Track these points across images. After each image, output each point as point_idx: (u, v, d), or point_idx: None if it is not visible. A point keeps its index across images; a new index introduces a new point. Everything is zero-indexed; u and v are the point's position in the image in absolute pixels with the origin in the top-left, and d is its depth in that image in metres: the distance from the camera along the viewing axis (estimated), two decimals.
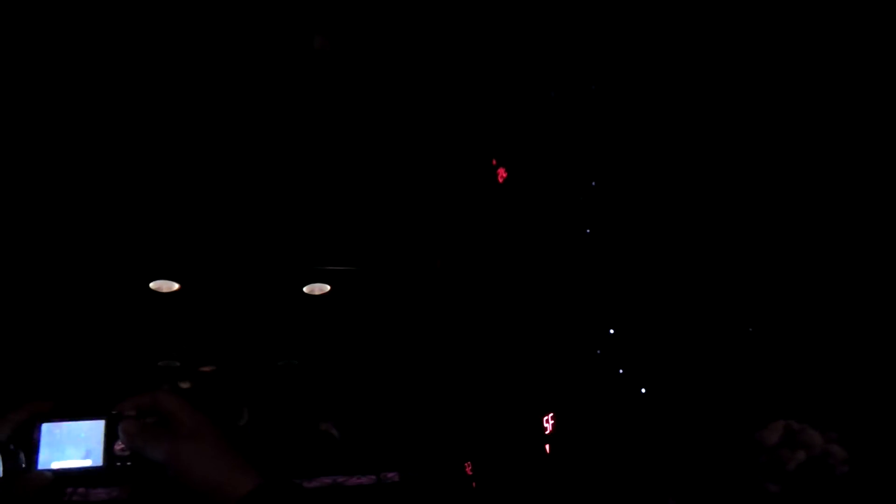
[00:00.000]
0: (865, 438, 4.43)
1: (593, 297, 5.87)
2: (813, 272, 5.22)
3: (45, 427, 0.96)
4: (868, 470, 4.24)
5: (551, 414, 6.05)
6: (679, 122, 5.98)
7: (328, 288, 6.60)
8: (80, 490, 5.87)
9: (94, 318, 6.38)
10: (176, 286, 6.47)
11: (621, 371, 5.71)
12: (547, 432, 6.08)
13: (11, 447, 0.92)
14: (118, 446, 0.97)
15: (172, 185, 6.33)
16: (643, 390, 5.69)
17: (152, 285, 6.45)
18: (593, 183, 6.02)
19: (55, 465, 0.96)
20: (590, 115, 6.20)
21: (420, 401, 6.71)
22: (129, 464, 0.96)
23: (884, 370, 4.68)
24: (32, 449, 0.95)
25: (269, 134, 6.40)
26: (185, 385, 6.65)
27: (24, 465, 0.94)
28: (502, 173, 6.41)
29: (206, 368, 6.61)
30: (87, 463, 0.97)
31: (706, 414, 5.18)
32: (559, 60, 6.22)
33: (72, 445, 0.97)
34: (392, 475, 6.62)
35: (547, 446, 6.05)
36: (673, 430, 5.25)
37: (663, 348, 5.65)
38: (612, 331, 5.81)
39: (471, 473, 6.45)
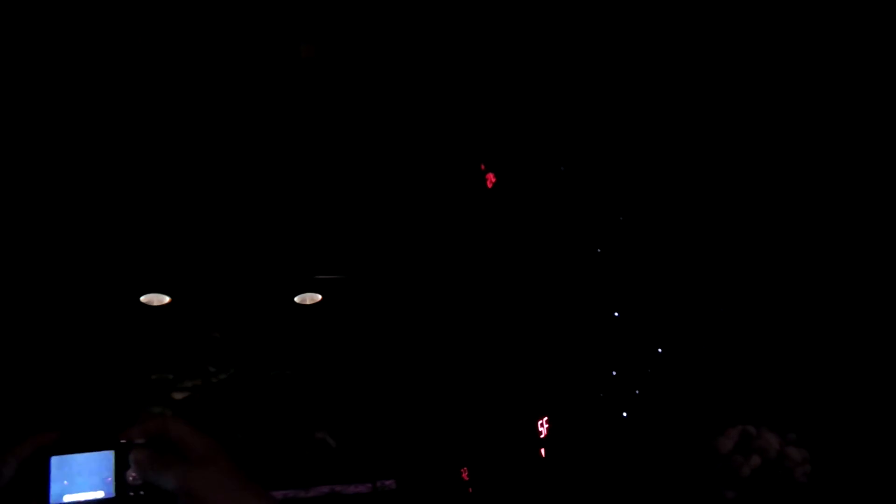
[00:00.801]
0: (830, 437, 4.46)
1: (585, 300, 5.89)
2: (775, 273, 5.28)
3: (55, 460, 0.95)
4: (830, 469, 4.27)
5: (545, 418, 6.07)
6: (672, 124, 6.00)
7: (319, 297, 6.60)
8: None
9: (85, 333, 6.36)
10: (167, 299, 6.46)
11: (614, 374, 5.73)
12: (541, 436, 6.09)
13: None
14: (130, 476, 0.96)
15: (162, 198, 6.32)
16: (637, 392, 5.72)
17: (143, 299, 6.44)
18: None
19: (67, 499, 0.95)
20: (579, 121, 6.22)
21: (415, 407, 6.71)
22: (141, 493, 0.95)
23: (853, 368, 4.74)
24: (43, 484, 0.94)
25: (258, 145, 6.39)
26: (179, 396, 6.63)
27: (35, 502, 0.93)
28: (491, 178, 6.42)
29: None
30: (100, 495, 0.96)
31: (680, 418, 5.23)
32: (546, 66, 6.23)
33: (82, 478, 0.96)
34: (389, 483, 6.62)
35: (542, 450, 6.06)
36: (654, 435, 5.30)
37: (656, 349, 5.67)
38: (603, 333, 5.83)
39: (467, 479, 6.45)
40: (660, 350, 5.55)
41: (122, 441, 0.94)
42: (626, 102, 6.11)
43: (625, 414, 5.57)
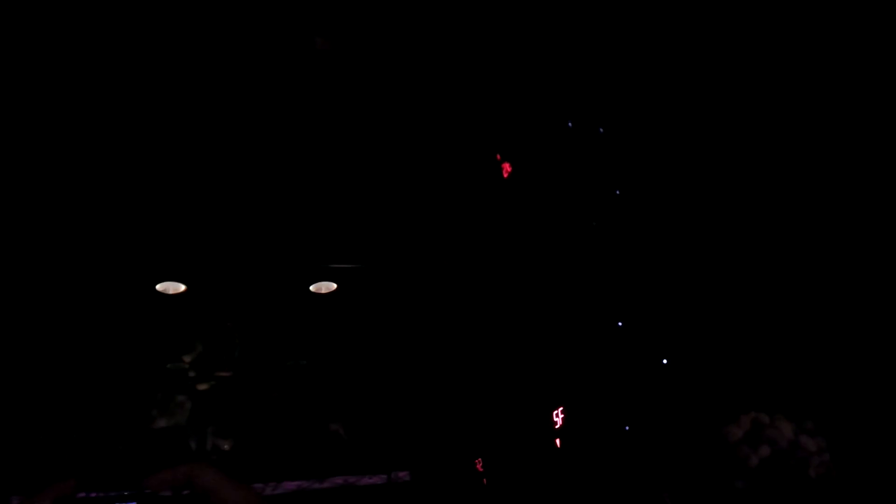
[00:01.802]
0: (850, 427, 4.33)
1: (601, 291, 5.85)
2: (795, 262, 5.20)
3: None
4: (847, 460, 4.13)
5: (561, 408, 6.03)
6: (685, 118, 5.97)
7: (335, 286, 6.59)
8: None
9: (100, 321, 6.37)
10: (182, 287, 6.46)
11: (629, 362, 5.68)
12: (557, 427, 6.05)
13: None
14: None
15: (178, 187, 6.34)
16: (662, 366, 5.65)
17: (159, 287, 6.44)
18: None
19: None
20: (594, 112, 6.19)
21: (429, 399, 6.67)
22: None
23: (874, 359, 4.63)
24: None
25: (275, 135, 6.41)
26: (202, 387, 6.60)
27: None
28: (507, 168, 6.40)
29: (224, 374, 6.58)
30: None
31: (680, 405, 5.14)
32: (561, 56, 6.22)
33: None
34: (403, 474, 6.58)
35: (557, 441, 6.02)
36: (671, 424, 5.22)
37: (671, 340, 5.62)
38: (620, 324, 5.79)
39: (481, 470, 6.41)
40: (673, 338, 5.49)
41: (147, 491, 0.88)
42: (642, 95, 6.09)
43: (639, 402, 5.52)
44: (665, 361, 5.57)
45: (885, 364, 4.68)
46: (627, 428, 5.20)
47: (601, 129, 6.08)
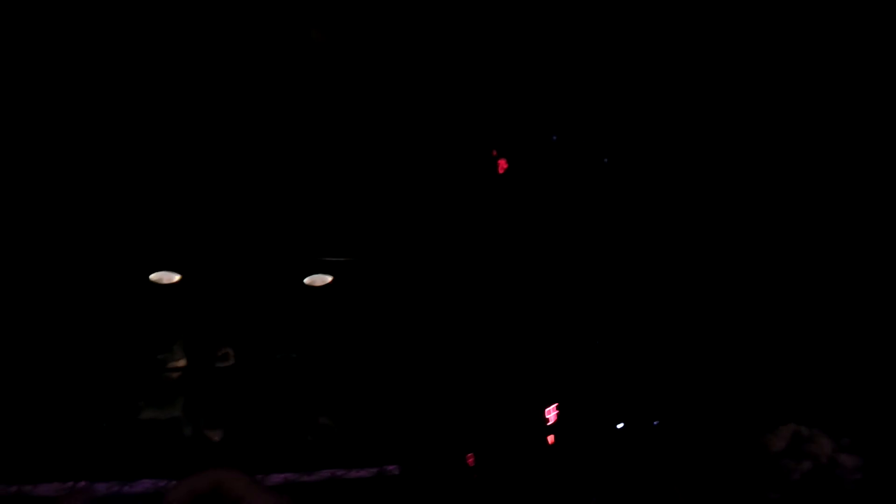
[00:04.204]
0: (884, 444, 4.27)
1: (595, 288, 5.86)
2: (836, 268, 5.16)
3: None
4: (882, 479, 4.08)
5: (554, 405, 6.03)
6: (687, 118, 5.99)
7: (329, 279, 6.58)
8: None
9: (91, 310, 6.35)
10: (176, 278, 6.45)
11: (623, 362, 5.69)
12: (549, 423, 6.05)
13: None
14: None
15: (173, 178, 6.33)
16: (643, 380, 5.67)
17: (152, 277, 6.42)
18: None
19: None
20: (590, 108, 6.22)
21: (421, 392, 6.67)
22: None
23: None
24: None
25: (270, 127, 6.41)
26: (193, 378, 6.55)
27: None
28: (503, 164, 6.42)
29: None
30: None
31: (715, 412, 5.10)
32: (558, 53, 6.24)
33: None
34: (392, 468, 6.56)
35: (550, 437, 6.02)
36: (677, 428, 5.21)
37: (668, 340, 5.62)
38: (613, 322, 5.80)
39: (473, 465, 6.40)
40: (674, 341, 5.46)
41: None
42: (640, 91, 6.11)
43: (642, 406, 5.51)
44: (663, 361, 5.58)
45: None
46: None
47: (600, 132, 6.11)
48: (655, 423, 5.08)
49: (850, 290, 5.08)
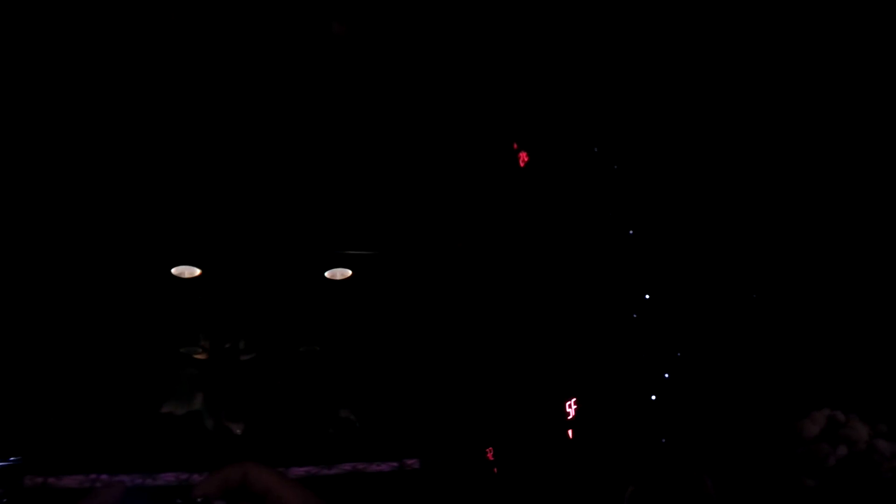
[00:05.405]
0: None
1: (617, 280, 5.83)
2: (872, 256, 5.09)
3: None
4: None
5: (574, 399, 6.01)
6: (704, 109, 5.94)
7: (350, 273, 6.59)
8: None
9: (114, 305, 6.39)
10: (198, 272, 6.48)
11: (645, 355, 5.65)
12: (569, 417, 6.04)
13: None
14: None
15: (195, 173, 6.35)
16: (666, 375, 5.63)
17: (174, 271, 6.46)
18: (615, 166, 5.98)
19: None
20: (612, 100, 6.17)
21: (441, 387, 6.68)
22: None
23: None
24: None
25: (292, 120, 6.41)
26: (215, 371, 6.56)
27: None
28: (524, 157, 6.39)
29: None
30: None
31: (745, 397, 5.05)
32: (580, 46, 6.20)
33: None
34: (413, 462, 6.58)
35: (570, 431, 6.01)
36: (704, 414, 5.16)
37: (692, 331, 5.59)
38: (634, 315, 5.76)
39: (492, 459, 6.40)
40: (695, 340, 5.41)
41: (199, 499, 0.82)
42: (659, 87, 6.06)
43: (654, 397, 5.49)
44: (679, 354, 5.55)
45: None
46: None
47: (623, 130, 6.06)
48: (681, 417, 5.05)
49: (886, 275, 5.01)
